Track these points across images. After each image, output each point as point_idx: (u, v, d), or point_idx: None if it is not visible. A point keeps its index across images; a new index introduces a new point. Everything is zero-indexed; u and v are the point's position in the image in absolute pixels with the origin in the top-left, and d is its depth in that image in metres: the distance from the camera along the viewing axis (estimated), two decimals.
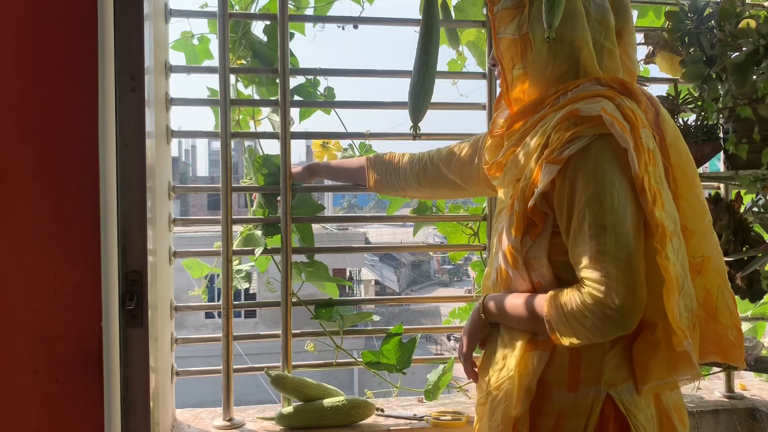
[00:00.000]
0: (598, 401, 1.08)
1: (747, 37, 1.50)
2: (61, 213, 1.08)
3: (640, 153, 1.04)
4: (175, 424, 1.67)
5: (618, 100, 1.10)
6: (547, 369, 1.11)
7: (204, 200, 21.84)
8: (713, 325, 1.15)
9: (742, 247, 1.58)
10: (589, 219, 1.04)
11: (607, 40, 1.19)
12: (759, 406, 1.85)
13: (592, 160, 1.05)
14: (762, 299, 1.62)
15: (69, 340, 1.08)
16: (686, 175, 1.16)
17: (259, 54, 1.74)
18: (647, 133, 1.09)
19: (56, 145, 1.08)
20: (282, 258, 1.69)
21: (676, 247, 1.06)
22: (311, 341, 1.77)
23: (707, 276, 1.16)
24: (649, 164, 1.05)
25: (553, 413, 1.10)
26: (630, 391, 1.09)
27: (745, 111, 1.55)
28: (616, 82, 1.14)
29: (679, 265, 1.05)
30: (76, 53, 1.07)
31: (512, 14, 1.18)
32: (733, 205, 1.62)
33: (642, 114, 1.11)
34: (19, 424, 1.08)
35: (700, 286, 1.15)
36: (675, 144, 1.16)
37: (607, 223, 1.02)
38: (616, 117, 1.05)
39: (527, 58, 1.17)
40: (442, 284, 24.39)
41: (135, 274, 1.08)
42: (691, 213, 1.15)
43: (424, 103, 1.65)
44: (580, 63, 1.14)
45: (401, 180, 1.61)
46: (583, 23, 1.15)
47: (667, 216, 1.05)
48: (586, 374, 1.09)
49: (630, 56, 1.24)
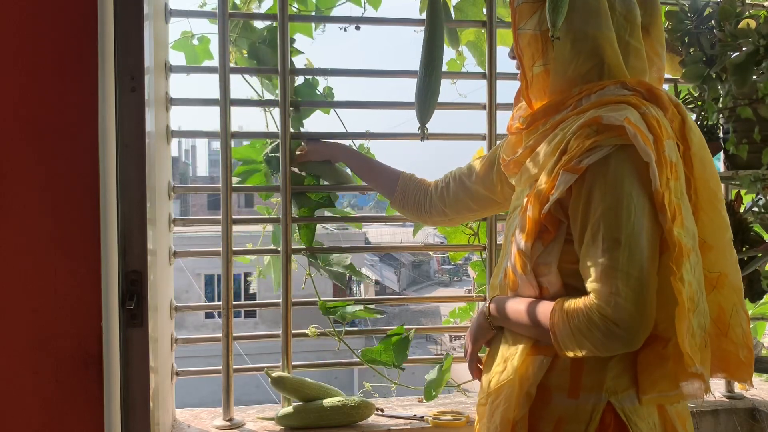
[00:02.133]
0: (598, 408, 1.07)
1: (747, 37, 1.50)
2: (61, 213, 1.08)
3: (662, 167, 1.01)
4: (175, 424, 1.67)
5: (643, 108, 1.05)
6: (549, 374, 1.09)
7: (204, 200, 21.84)
8: (724, 343, 1.13)
9: (742, 247, 1.58)
10: (603, 232, 1.01)
11: (632, 38, 1.14)
12: (759, 406, 1.85)
13: (612, 171, 1.02)
14: (762, 299, 1.62)
15: (69, 340, 1.08)
16: (708, 188, 1.12)
17: (263, 54, 1.73)
18: (671, 144, 1.05)
19: (56, 145, 1.08)
20: (282, 258, 1.69)
21: (693, 263, 1.03)
22: (313, 326, 1.76)
23: (722, 293, 1.13)
24: (671, 178, 1.02)
25: (552, 418, 1.09)
26: (632, 399, 1.07)
27: (745, 111, 1.55)
28: (642, 87, 1.10)
29: (695, 282, 1.02)
30: (76, 53, 1.07)
31: (533, 9, 1.14)
32: (733, 205, 1.62)
33: (667, 123, 1.07)
34: (19, 424, 1.08)
35: (714, 302, 1.12)
36: (700, 155, 1.11)
37: (622, 238, 1.00)
38: (640, 128, 1.01)
39: (548, 54, 1.14)
40: (442, 284, 24.39)
41: (135, 274, 1.08)
42: (711, 227, 1.12)
43: (430, 104, 1.66)
44: (605, 62, 1.10)
45: (426, 202, 1.55)
46: (607, 20, 1.10)
47: (686, 232, 1.02)
48: (588, 381, 1.08)
49: (658, 53, 1.20)
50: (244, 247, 1.77)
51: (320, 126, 1.79)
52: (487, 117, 1.79)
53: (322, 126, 1.76)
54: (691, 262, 1.02)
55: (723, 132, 1.70)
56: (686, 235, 1.02)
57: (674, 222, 1.00)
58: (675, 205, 1.01)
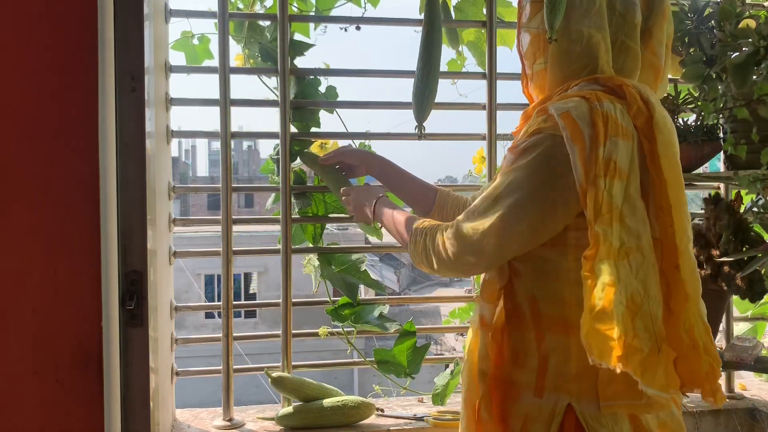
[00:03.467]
0: (559, 410, 1.06)
1: (747, 37, 1.49)
2: (61, 213, 1.08)
3: (591, 163, 1.00)
4: (175, 424, 1.67)
5: (595, 103, 1.03)
6: (518, 371, 1.10)
7: (204, 200, 21.85)
8: (692, 355, 1.03)
9: (742, 247, 1.58)
10: (495, 186, 1.08)
11: (629, 38, 1.13)
12: (759, 406, 1.85)
13: (536, 155, 1.05)
14: (762, 299, 1.62)
15: (69, 340, 1.08)
16: (675, 189, 1.06)
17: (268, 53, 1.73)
18: (623, 143, 1.02)
19: (56, 145, 1.08)
20: (282, 258, 1.69)
21: (636, 264, 1.00)
22: (324, 327, 1.75)
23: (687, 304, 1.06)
24: (605, 176, 1.00)
25: (521, 416, 1.09)
26: (595, 405, 1.04)
27: (741, 112, 1.55)
28: (613, 83, 1.09)
29: (637, 283, 0.99)
30: (76, 53, 1.07)
31: (537, 8, 1.15)
32: (733, 205, 1.62)
33: (628, 120, 1.05)
34: (19, 424, 1.08)
35: (693, 312, 1.05)
36: (666, 154, 1.06)
37: (502, 202, 1.06)
38: (577, 122, 1.01)
39: (549, 52, 1.15)
40: (442, 284, 24.35)
41: (135, 274, 1.08)
42: (681, 231, 1.05)
43: (428, 104, 1.66)
44: (597, 62, 1.11)
45: None
46: (603, 20, 1.11)
47: (626, 231, 1.00)
48: (551, 381, 1.07)
49: (656, 53, 1.18)
50: (244, 247, 1.77)
51: (320, 126, 1.78)
52: (487, 117, 1.79)
53: (322, 126, 1.76)
54: (630, 262, 0.99)
55: (723, 132, 1.70)
56: (623, 235, 0.99)
57: (598, 219, 0.99)
58: (606, 202, 0.99)
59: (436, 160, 57.84)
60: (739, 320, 2.04)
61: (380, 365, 1.74)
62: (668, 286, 1.04)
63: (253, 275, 13.83)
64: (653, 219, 1.05)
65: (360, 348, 1.77)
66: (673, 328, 1.02)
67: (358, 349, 1.76)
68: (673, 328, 1.02)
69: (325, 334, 1.74)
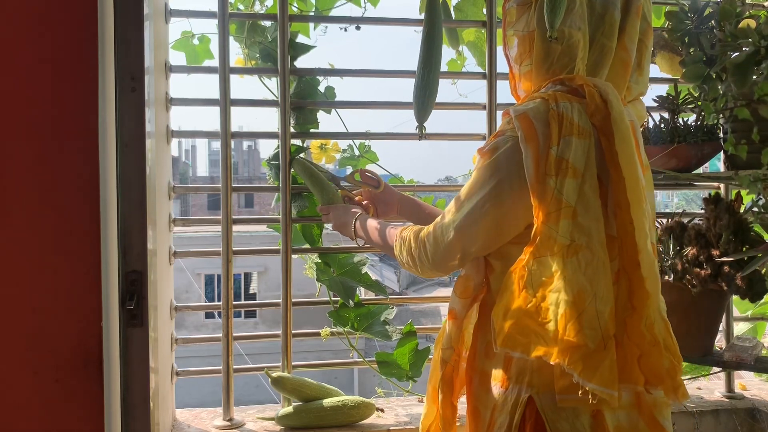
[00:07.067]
0: (520, 402, 1.08)
1: (747, 37, 1.49)
2: (61, 213, 1.08)
3: (541, 162, 1.03)
4: (175, 424, 1.68)
5: (552, 104, 1.06)
6: (489, 362, 1.15)
7: (204, 200, 21.84)
8: (654, 353, 1.04)
9: (742, 247, 1.58)
10: (461, 192, 1.14)
11: (606, 37, 1.14)
12: (759, 406, 1.85)
13: (497, 156, 1.11)
14: (762, 299, 1.62)
15: (69, 340, 1.08)
16: (633, 186, 1.05)
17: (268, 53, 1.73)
18: (577, 142, 1.04)
19: (56, 145, 1.08)
20: (282, 258, 1.69)
21: (584, 261, 1.01)
22: (326, 328, 1.75)
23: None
24: (560, 176, 1.02)
25: (490, 405, 1.14)
26: (553, 398, 1.05)
27: (742, 112, 1.55)
28: (575, 82, 1.10)
29: (585, 280, 1.00)
30: (76, 53, 1.07)
31: (521, 11, 1.18)
32: (733, 205, 1.62)
33: (585, 119, 1.06)
34: (19, 424, 1.08)
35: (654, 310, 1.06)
36: (625, 152, 1.05)
37: (465, 203, 1.12)
38: (533, 122, 1.05)
39: (533, 54, 1.16)
40: (442, 284, 24.36)
41: (135, 274, 1.08)
42: (639, 228, 1.05)
43: (429, 104, 1.66)
44: (575, 62, 1.13)
45: None
46: (583, 20, 1.12)
47: (577, 230, 1.01)
48: (514, 372, 1.10)
49: (626, 48, 1.17)
50: (244, 247, 1.77)
51: (320, 126, 1.78)
52: (487, 117, 1.79)
53: (322, 126, 1.76)
54: (579, 259, 1.01)
55: (723, 132, 1.70)
56: (578, 232, 1.02)
57: (548, 217, 1.02)
58: (554, 200, 1.02)
59: (436, 160, 57.89)
60: (739, 320, 2.04)
61: (381, 367, 1.74)
62: (630, 283, 1.05)
63: (253, 275, 13.86)
64: (612, 217, 1.07)
65: (360, 347, 1.76)
66: (635, 325, 1.04)
67: (358, 349, 1.76)
68: (635, 325, 1.04)
69: (327, 336, 1.74)
